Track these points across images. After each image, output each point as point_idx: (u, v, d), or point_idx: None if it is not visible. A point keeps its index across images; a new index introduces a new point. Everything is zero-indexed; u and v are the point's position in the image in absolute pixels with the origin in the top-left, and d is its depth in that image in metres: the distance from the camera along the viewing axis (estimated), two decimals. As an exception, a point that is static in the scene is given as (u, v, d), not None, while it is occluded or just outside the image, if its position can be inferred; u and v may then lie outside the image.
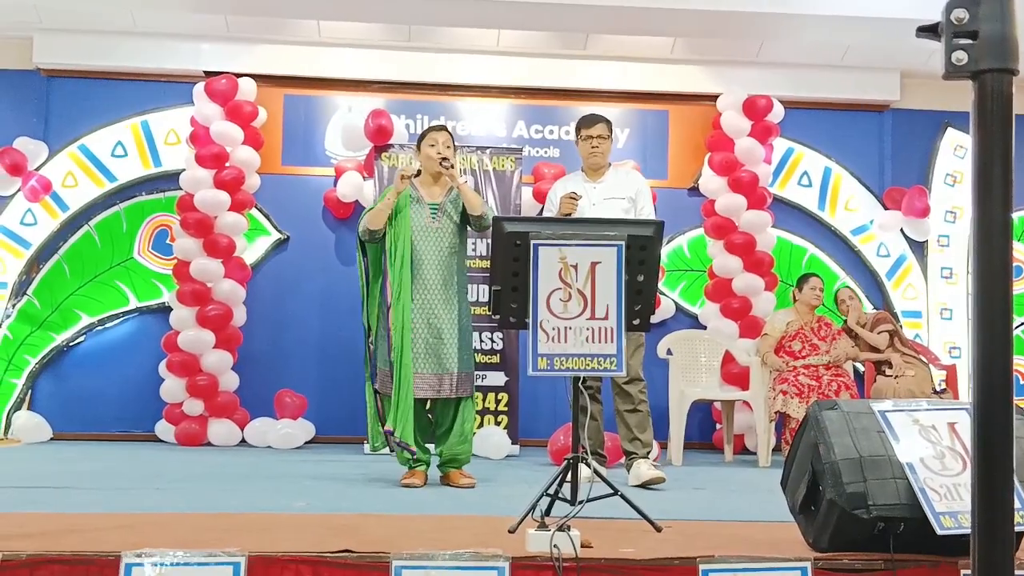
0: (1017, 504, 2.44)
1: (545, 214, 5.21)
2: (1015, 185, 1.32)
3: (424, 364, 4.58)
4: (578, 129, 5.16)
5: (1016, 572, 1.37)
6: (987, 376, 1.31)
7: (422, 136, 4.88)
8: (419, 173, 4.85)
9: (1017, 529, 2.46)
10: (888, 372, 6.63)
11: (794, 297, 6.93)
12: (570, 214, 4.82)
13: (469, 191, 4.70)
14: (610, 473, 4.88)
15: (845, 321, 6.95)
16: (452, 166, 4.70)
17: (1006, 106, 1.28)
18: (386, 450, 4.82)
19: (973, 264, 1.32)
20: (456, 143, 5.00)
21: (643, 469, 4.74)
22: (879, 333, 6.76)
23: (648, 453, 4.91)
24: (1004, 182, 1.28)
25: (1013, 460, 1.31)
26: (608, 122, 5.16)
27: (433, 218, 4.70)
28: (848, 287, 7.25)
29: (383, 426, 4.63)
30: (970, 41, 1.29)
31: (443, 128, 4.89)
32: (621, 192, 5.03)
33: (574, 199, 4.86)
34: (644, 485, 4.66)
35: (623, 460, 5.00)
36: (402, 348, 4.51)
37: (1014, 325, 1.39)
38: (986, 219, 1.30)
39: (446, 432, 4.67)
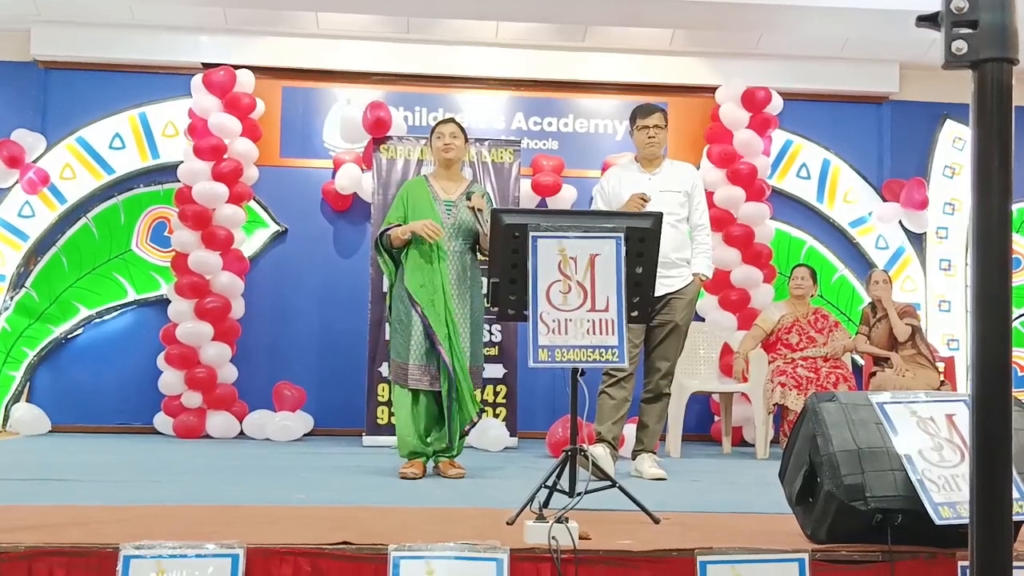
0: (1016, 495, 2.44)
1: (596, 201, 5.11)
2: (1015, 177, 1.32)
3: (431, 357, 4.60)
4: (633, 118, 5.06)
5: (1014, 563, 1.37)
6: (986, 368, 1.31)
7: (432, 130, 4.93)
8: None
9: (1015, 519, 2.47)
10: (887, 368, 6.59)
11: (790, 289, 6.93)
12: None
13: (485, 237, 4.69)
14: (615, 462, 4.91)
15: (874, 303, 6.82)
16: (479, 218, 4.69)
17: (1006, 96, 1.28)
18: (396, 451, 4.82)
19: (972, 255, 1.31)
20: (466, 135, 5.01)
21: (646, 467, 4.80)
22: (905, 325, 6.65)
23: (653, 444, 4.95)
24: (1003, 171, 1.28)
25: (1011, 451, 1.31)
26: (664, 111, 5.07)
27: (448, 214, 4.73)
28: (884, 271, 7.09)
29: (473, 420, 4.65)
30: (970, 30, 1.29)
31: (450, 120, 4.95)
32: (677, 185, 4.96)
33: (644, 200, 4.69)
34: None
35: (633, 447, 5.05)
36: (456, 336, 4.58)
37: (1013, 317, 1.38)
38: (985, 207, 1.29)
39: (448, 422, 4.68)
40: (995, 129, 1.28)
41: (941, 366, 7.03)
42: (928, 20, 1.34)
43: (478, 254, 4.84)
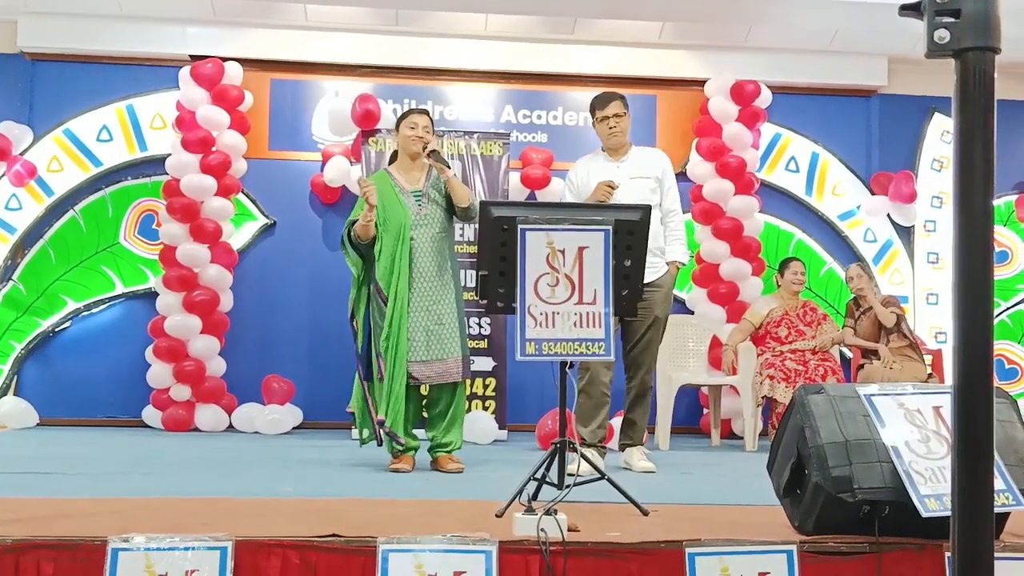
0: (1000, 485, 2.45)
1: (566, 194, 5.04)
2: (997, 171, 1.32)
3: (427, 351, 4.55)
4: (592, 111, 4.95)
5: (997, 554, 1.38)
6: (968, 360, 1.31)
7: (401, 118, 4.84)
8: (394, 157, 4.86)
9: (997, 510, 2.48)
10: (875, 360, 6.61)
11: (777, 282, 6.93)
12: (603, 201, 4.63)
13: (457, 183, 4.66)
14: (622, 460, 4.91)
15: (855, 298, 6.83)
16: (440, 158, 4.66)
17: (988, 85, 1.28)
18: (374, 443, 4.79)
19: (954, 246, 1.32)
20: (444, 128, 4.98)
21: (635, 459, 4.77)
22: (890, 313, 6.65)
23: (642, 438, 4.91)
24: (986, 159, 1.28)
25: (993, 443, 1.31)
26: (623, 98, 4.93)
27: (419, 205, 4.68)
28: (859, 264, 7.06)
29: (373, 417, 4.61)
30: (953, 19, 1.29)
31: (424, 112, 4.86)
32: (647, 172, 4.86)
33: (611, 188, 4.65)
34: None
35: (618, 439, 5.02)
36: (399, 338, 4.50)
37: (996, 310, 1.39)
38: (968, 195, 1.29)
39: (439, 416, 4.67)
40: (978, 117, 1.28)
41: (929, 359, 7.06)
42: (911, 9, 1.34)
43: (461, 216, 4.72)
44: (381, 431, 4.54)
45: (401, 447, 4.55)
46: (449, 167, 4.68)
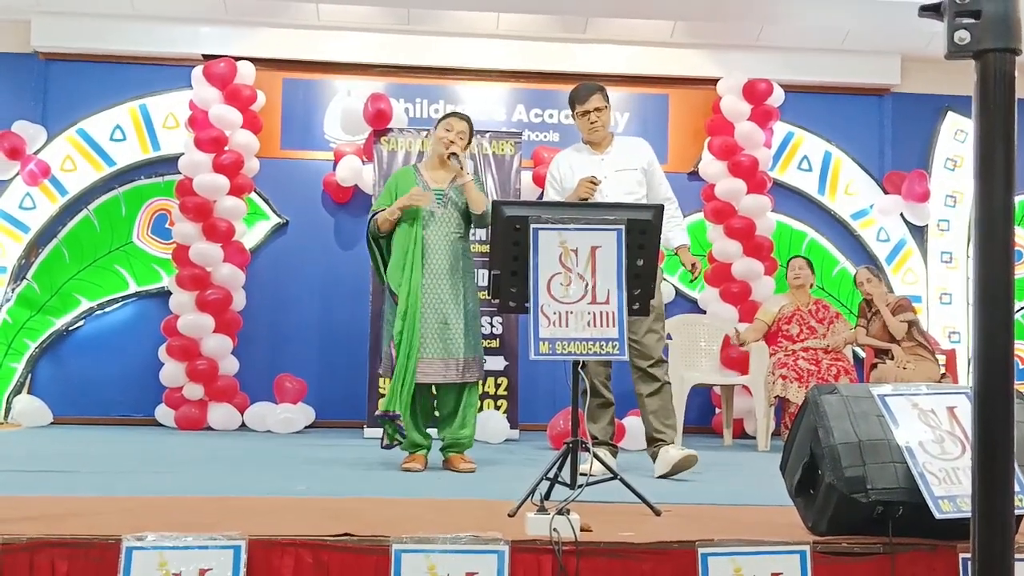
0: (1017, 488, 2.44)
1: (547, 190, 4.91)
2: (1017, 169, 1.31)
3: (430, 349, 4.57)
4: (572, 105, 4.80)
5: (1016, 556, 1.37)
6: (988, 361, 1.31)
7: (442, 118, 4.87)
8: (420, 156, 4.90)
9: (1017, 513, 2.46)
10: (888, 360, 6.58)
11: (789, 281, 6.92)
12: (586, 199, 4.51)
13: (474, 189, 4.66)
14: (634, 459, 4.88)
15: (866, 301, 6.80)
16: (459, 161, 4.69)
17: (1009, 85, 1.28)
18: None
19: (975, 247, 1.31)
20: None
21: (672, 452, 4.48)
22: (901, 322, 6.62)
23: (672, 436, 4.61)
24: (1006, 161, 1.27)
25: (1013, 444, 1.30)
26: (602, 90, 4.76)
27: (439, 204, 4.69)
28: (868, 268, 6.97)
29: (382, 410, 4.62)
30: (973, 20, 1.28)
31: (464, 118, 4.84)
32: (633, 163, 4.71)
33: (594, 184, 4.52)
34: (675, 470, 4.42)
35: (646, 448, 4.70)
36: (412, 333, 4.52)
37: (1015, 309, 1.38)
38: (988, 197, 1.29)
39: (449, 416, 4.68)
40: (998, 119, 1.27)
41: (942, 359, 7.02)
42: (931, 10, 1.33)
43: (476, 222, 4.72)
44: (389, 423, 4.55)
45: (402, 439, 4.58)
46: (464, 170, 4.69)
